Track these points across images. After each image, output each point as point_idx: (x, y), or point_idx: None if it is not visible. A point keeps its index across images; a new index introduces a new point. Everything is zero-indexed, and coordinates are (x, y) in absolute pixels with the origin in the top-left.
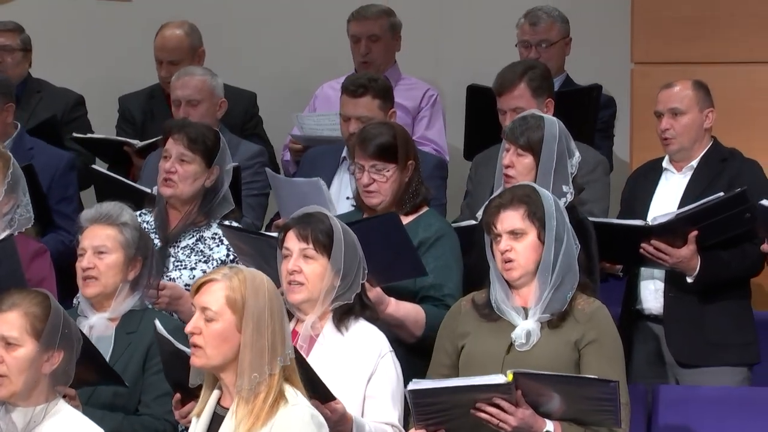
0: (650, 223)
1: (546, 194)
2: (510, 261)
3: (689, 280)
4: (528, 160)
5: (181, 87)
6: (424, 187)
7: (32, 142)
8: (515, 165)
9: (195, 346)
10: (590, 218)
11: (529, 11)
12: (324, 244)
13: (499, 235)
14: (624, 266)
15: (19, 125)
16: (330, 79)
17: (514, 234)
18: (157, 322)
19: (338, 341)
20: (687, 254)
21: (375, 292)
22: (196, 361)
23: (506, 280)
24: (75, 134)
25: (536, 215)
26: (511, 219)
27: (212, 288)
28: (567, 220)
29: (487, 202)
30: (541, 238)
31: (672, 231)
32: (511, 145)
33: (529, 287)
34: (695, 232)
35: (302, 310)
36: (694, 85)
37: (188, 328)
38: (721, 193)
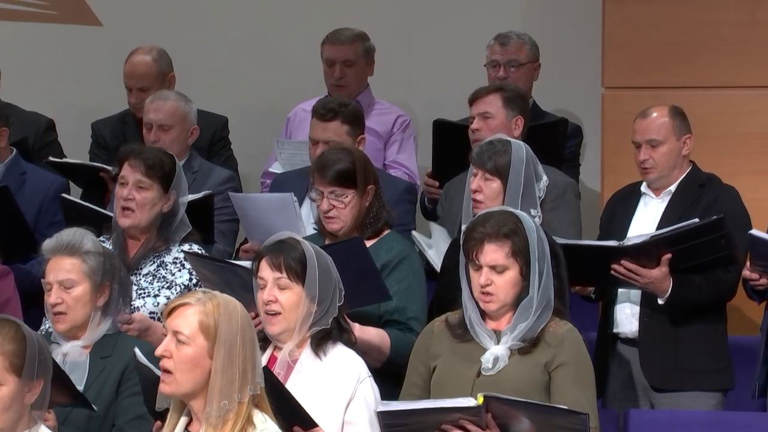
0: (624, 244)
1: (530, 225)
2: (489, 294)
3: (660, 301)
4: (496, 184)
5: (153, 111)
6: (386, 211)
7: (26, 166)
8: (483, 189)
9: (165, 371)
10: (563, 240)
11: (499, 33)
12: (297, 271)
13: (480, 266)
14: (596, 288)
15: (14, 150)
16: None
17: (496, 269)
18: (137, 350)
19: (316, 367)
20: (658, 275)
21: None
22: (166, 388)
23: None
24: (51, 158)
25: (520, 252)
26: (495, 254)
27: (185, 312)
28: (547, 251)
29: (469, 226)
30: (522, 273)
31: (646, 252)
32: (478, 170)
33: (504, 315)
34: (669, 255)
35: (280, 340)
36: (670, 113)
37: (159, 351)
38: (696, 219)
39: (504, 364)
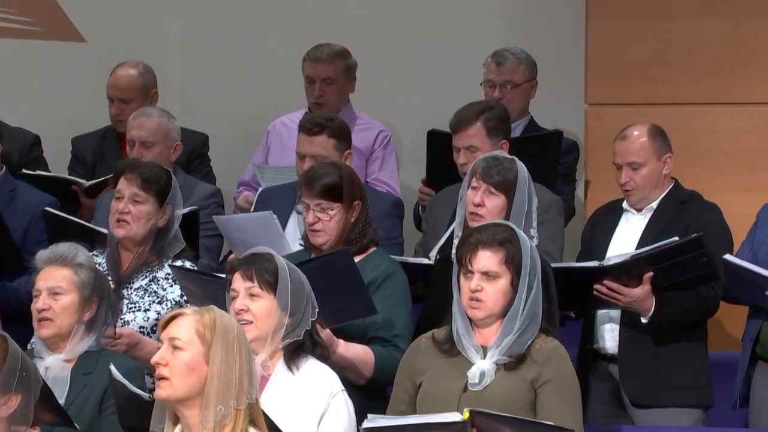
0: (605, 264)
1: (524, 239)
2: (478, 300)
3: (644, 320)
4: (500, 200)
5: (137, 127)
6: (372, 227)
7: (15, 183)
8: (486, 204)
9: (161, 378)
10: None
11: (497, 51)
12: (269, 281)
13: (472, 273)
14: (578, 309)
15: (4, 167)
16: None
17: (487, 275)
18: (113, 367)
19: (289, 380)
20: (641, 294)
21: (325, 334)
22: (161, 392)
23: (468, 317)
24: (24, 171)
25: (513, 261)
26: (488, 260)
27: (181, 321)
28: (539, 267)
29: (464, 234)
30: (513, 284)
31: (627, 272)
32: (482, 183)
33: (491, 327)
34: (650, 273)
35: (252, 350)
36: (649, 133)
37: (155, 359)
38: (676, 238)
39: (490, 380)
